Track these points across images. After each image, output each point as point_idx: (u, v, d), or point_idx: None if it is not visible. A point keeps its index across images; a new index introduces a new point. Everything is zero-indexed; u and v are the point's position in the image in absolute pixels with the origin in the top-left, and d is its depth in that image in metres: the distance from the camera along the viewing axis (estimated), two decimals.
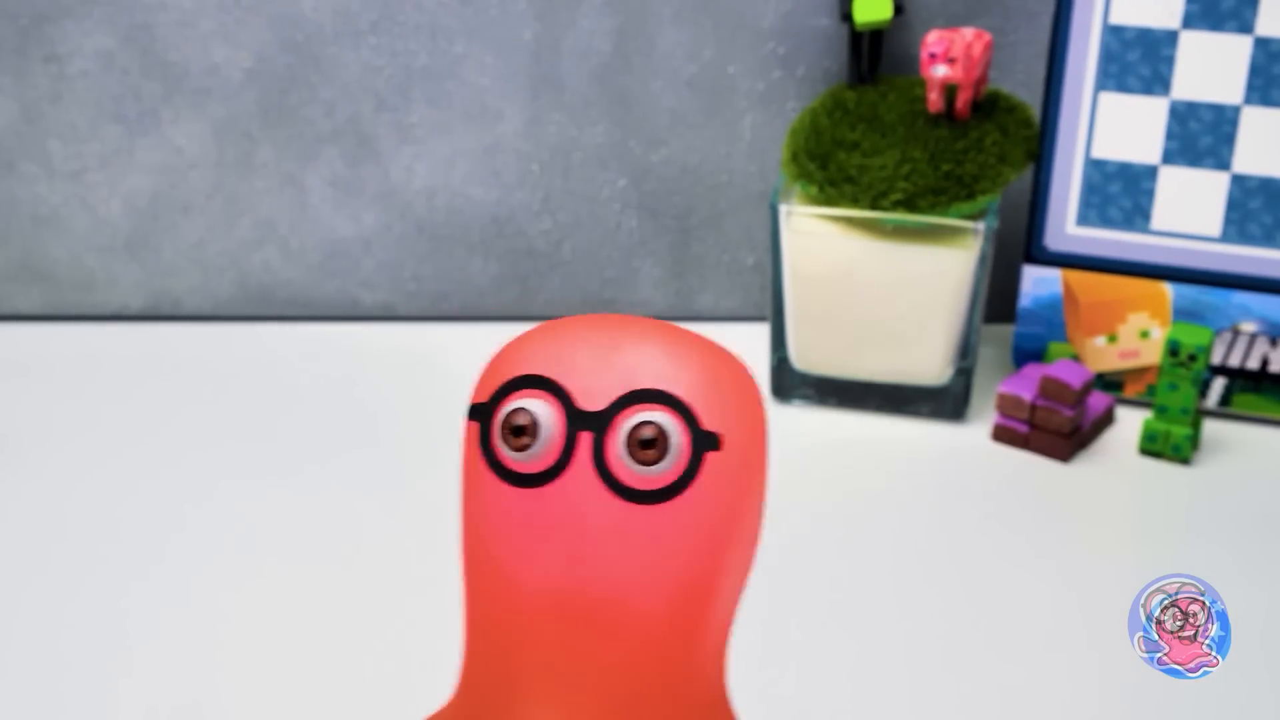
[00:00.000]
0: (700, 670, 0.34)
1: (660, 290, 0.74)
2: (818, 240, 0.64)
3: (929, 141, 0.63)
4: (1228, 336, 0.65)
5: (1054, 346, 0.67)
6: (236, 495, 0.60)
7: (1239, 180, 0.63)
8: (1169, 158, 0.63)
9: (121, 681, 0.49)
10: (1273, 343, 0.64)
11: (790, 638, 0.52)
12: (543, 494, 0.32)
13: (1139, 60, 0.62)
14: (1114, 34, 0.62)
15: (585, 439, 0.32)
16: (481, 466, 0.33)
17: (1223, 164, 0.63)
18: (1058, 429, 0.62)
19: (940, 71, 0.62)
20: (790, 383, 0.67)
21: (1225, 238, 0.63)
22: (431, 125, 0.70)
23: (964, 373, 0.65)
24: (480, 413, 0.33)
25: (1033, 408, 0.63)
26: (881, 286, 0.64)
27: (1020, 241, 0.69)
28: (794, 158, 0.65)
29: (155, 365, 0.69)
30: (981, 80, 0.65)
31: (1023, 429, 0.63)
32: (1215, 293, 0.64)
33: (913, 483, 0.62)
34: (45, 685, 0.49)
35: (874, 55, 0.67)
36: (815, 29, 0.69)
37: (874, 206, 0.63)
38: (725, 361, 0.34)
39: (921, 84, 0.66)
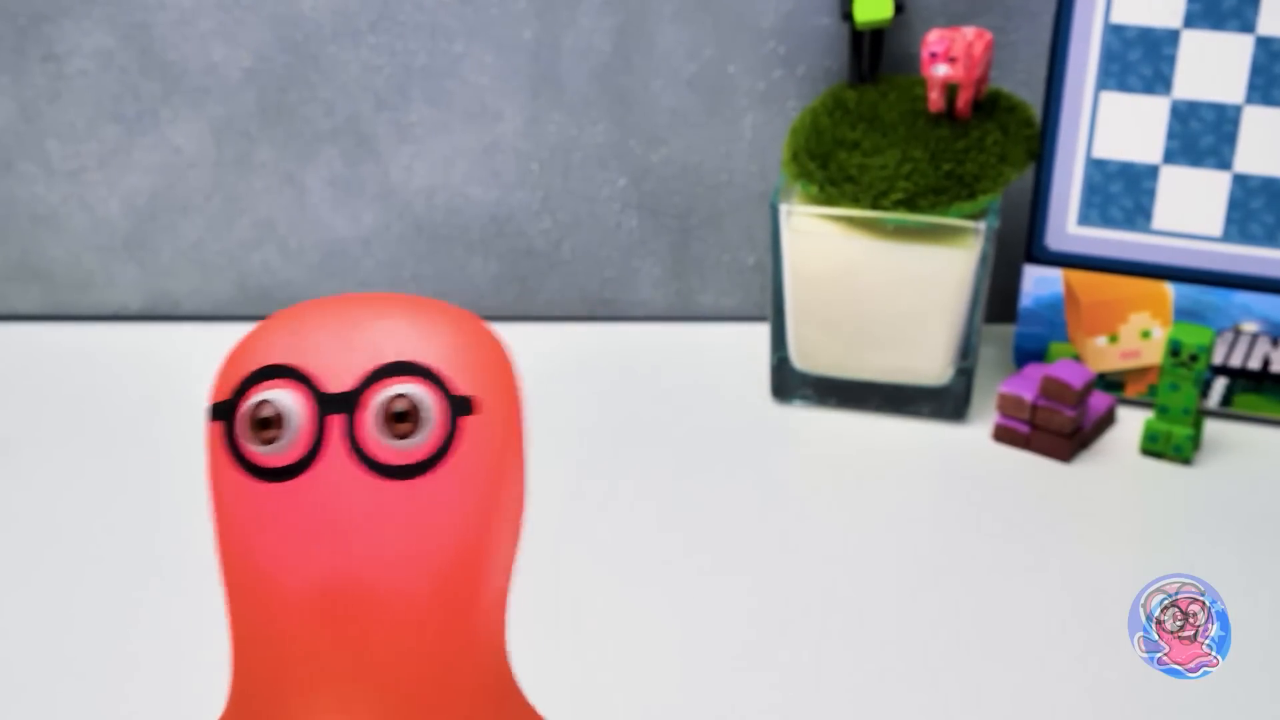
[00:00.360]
0: (478, 647, 0.33)
1: (660, 290, 0.73)
2: (818, 240, 0.64)
3: (930, 141, 0.63)
4: (1229, 336, 0.64)
5: (1055, 346, 0.67)
6: None
7: (1240, 180, 0.62)
8: (1170, 157, 0.63)
9: (120, 683, 0.49)
10: (1274, 343, 0.64)
11: (790, 638, 0.52)
12: (297, 485, 0.31)
13: (1140, 59, 0.62)
14: (1115, 33, 0.62)
15: (336, 422, 0.31)
16: (229, 466, 0.32)
17: (1224, 164, 0.62)
18: (1059, 429, 0.62)
19: (941, 71, 0.62)
20: (791, 383, 0.67)
21: (1227, 237, 0.63)
22: (431, 124, 0.70)
23: (965, 373, 0.65)
24: (222, 411, 0.32)
25: (1034, 408, 0.63)
26: (882, 286, 0.64)
27: (1021, 241, 0.69)
28: (794, 157, 0.64)
29: (154, 365, 0.69)
30: (982, 79, 0.64)
31: (1024, 429, 0.63)
32: (1217, 293, 0.64)
33: (913, 483, 0.62)
34: (42, 686, 0.49)
35: (875, 54, 0.67)
36: (816, 28, 0.68)
37: (875, 206, 0.62)
38: (471, 326, 0.33)
39: (922, 83, 0.66)
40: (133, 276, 0.72)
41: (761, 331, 0.71)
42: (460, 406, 0.31)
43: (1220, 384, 0.65)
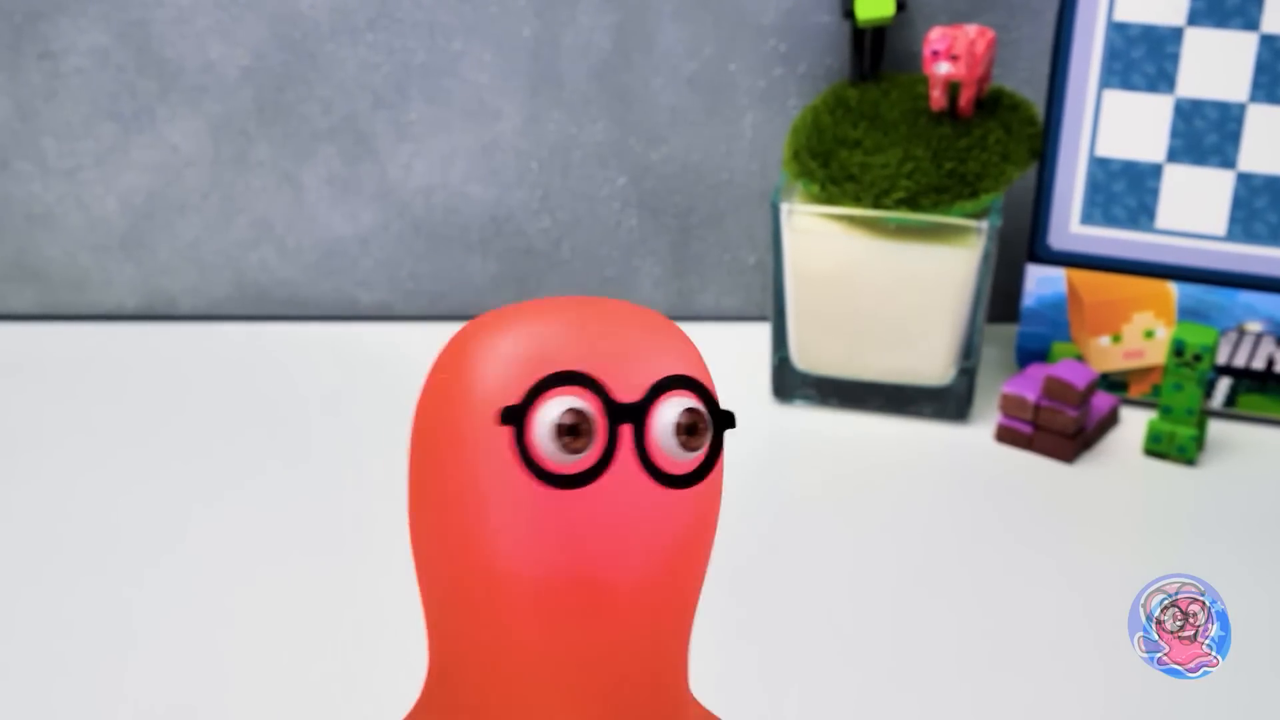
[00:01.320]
0: (687, 644, 0.35)
1: (660, 289, 0.73)
2: (819, 239, 0.63)
3: (932, 139, 0.63)
4: (1233, 336, 0.64)
5: (1058, 346, 0.67)
6: (233, 497, 0.59)
7: (1244, 179, 0.62)
8: (1174, 156, 0.63)
9: (118, 685, 0.49)
10: (1279, 342, 0.64)
11: (792, 639, 0.52)
12: (584, 492, 0.31)
13: (1143, 57, 0.62)
14: (1118, 31, 0.62)
15: (626, 431, 0.32)
16: (512, 472, 0.31)
17: (1228, 162, 0.62)
18: (1062, 430, 0.62)
19: (943, 69, 0.62)
20: (792, 383, 0.67)
21: (1231, 236, 0.63)
22: (430, 123, 0.70)
23: (967, 373, 0.65)
24: (514, 415, 0.31)
25: (1036, 408, 0.62)
26: (884, 286, 0.64)
27: (1024, 240, 0.69)
28: (795, 156, 0.64)
29: (151, 366, 0.69)
30: (985, 78, 0.64)
31: (1026, 430, 0.63)
32: (1220, 292, 0.64)
33: (915, 484, 0.61)
34: (41, 689, 0.49)
35: (876, 52, 0.67)
36: (817, 26, 0.68)
37: (876, 205, 0.62)
38: (685, 334, 0.34)
39: (924, 81, 0.66)
40: (129, 276, 0.72)
41: (762, 331, 0.70)
42: (724, 420, 0.32)
43: (1224, 384, 0.65)
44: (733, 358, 0.70)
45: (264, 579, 0.54)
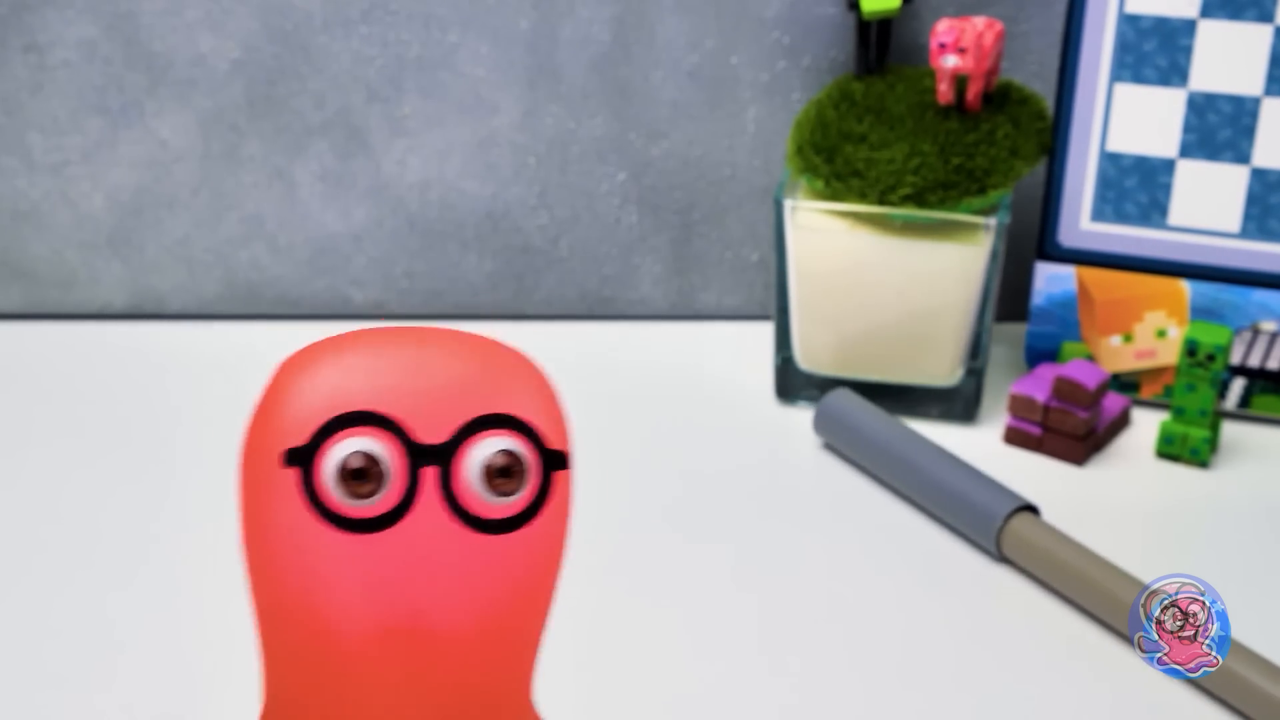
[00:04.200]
0: (527, 686, 0.34)
1: (661, 288, 0.73)
2: (824, 236, 0.63)
3: (939, 134, 0.62)
4: (1247, 336, 0.64)
5: (1068, 346, 0.66)
6: (222, 499, 0.59)
7: (1259, 174, 0.62)
8: (1187, 151, 0.62)
9: (104, 689, 0.48)
10: None
11: (795, 642, 0.51)
12: (383, 537, 0.30)
13: (1156, 50, 0.61)
14: (1130, 23, 0.61)
15: (429, 474, 0.30)
16: (305, 514, 0.30)
17: (1242, 157, 0.62)
18: (1072, 431, 0.62)
19: (950, 62, 0.61)
20: (795, 383, 0.66)
21: (1245, 234, 0.62)
22: (425, 117, 0.69)
23: (975, 373, 0.64)
24: (300, 457, 0.30)
25: (1046, 409, 0.62)
26: (889, 284, 0.63)
27: (1033, 237, 0.68)
28: (799, 151, 0.64)
29: (139, 365, 0.68)
30: (993, 71, 0.64)
31: (1036, 431, 0.62)
32: (1234, 290, 0.63)
33: None
34: (25, 692, 0.48)
35: (882, 45, 0.66)
36: (821, 18, 0.68)
37: (882, 201, 0.62)
38: (534, 369, 0.32)
39: (931, 75, 0.65)
40: (117, 274, 0.71)
41: (765, 330, 0.70)
42: (554, 461, 0.32)
43: (1238, 385, 0.65)
44: (734, 358, 0.70)
45: None
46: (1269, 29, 0.60)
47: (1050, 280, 0.65)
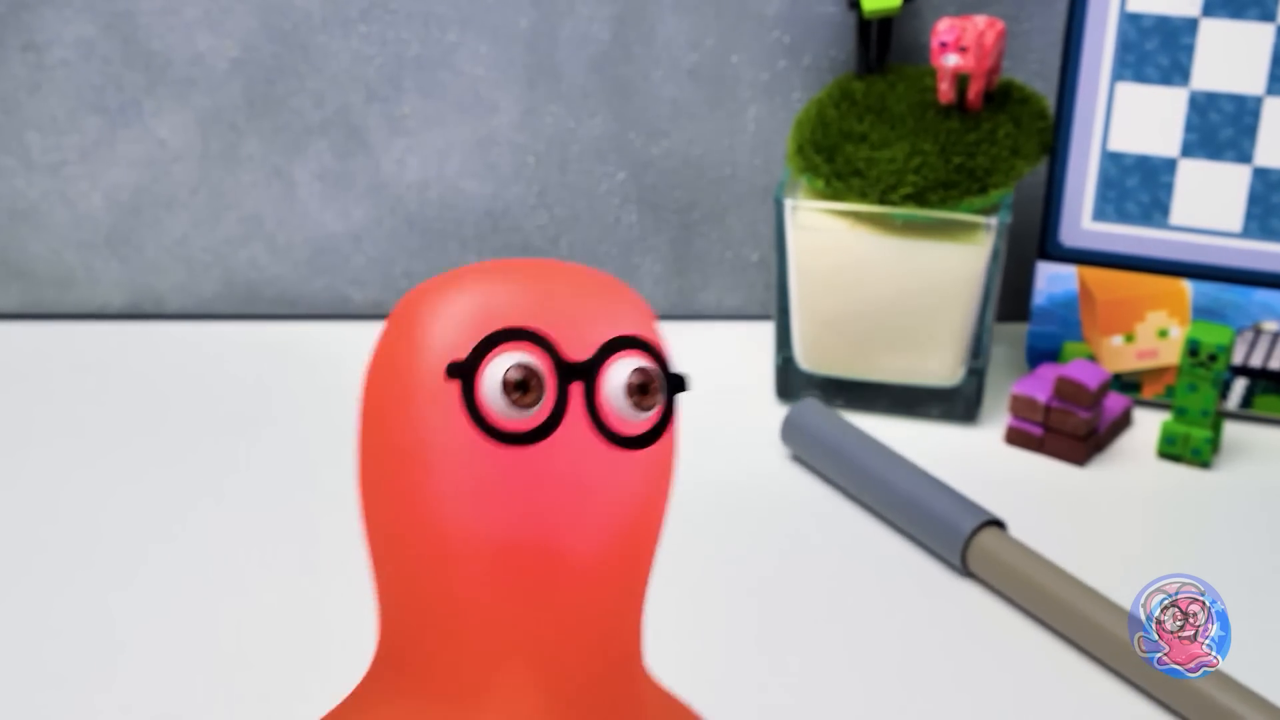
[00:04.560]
0: (641, 615, 0.35)
1: (661, 287, 0.73)
2: (824, 236, 0.62)
3: (940, 134, 0.62)
4: (1249, 336, 0.63)
5: (1069, 346, 0.66)
6: (221, 499, 0.59)
7: (1261, 174, 0.61)
8: (1188, 150, 0.62)
9: (104, 689, 0.48)
10: None
11: (795, 644, 0.51)
12: (535, 451, 0.31)
13: (1157, 49, 0.61)
14: (1131, 22, 0.61)
15: (576, 389, 0.32)
16: (461, 428, 0.31)
17: (1244, 157, 0.61)
18: (1073, 431, 0.61)
19: (951, 61, 0.61)
20: (796, 383, 0.66)
21: (1246, 233, 0.62)
22: (424, 116, 0.69)
23: (976, 373, 0.64)
24: (461, 370, 0.31)
25: (1047, 409, 0.62)
26: (890, 284, 0.63)
27: (1034, 237, 0.68)
28: (800, 150, 0.63)
29: (138, 365, 0.68)
30: (994, 70, 0.63)
31: (1037, 431, 0.62)
32: (1236, 290, 0.63)
33: None
34: (25, 692, 0.48)
35: (883, 44, 0.66)
36: (822, 16, 0.67)
37: (883, 201, 0.62)
38: (643, 301, 0.34)
39: (932, 74, 0.65)
40: (115, 274, 0.71)
41: (766, 331, 0.70)
42: (677, 383, 0.33)
43: (1240, 385, 0.64)
44: (735, 358, 0.69)
45: (254, 581, 0.53)
46: (1271, 28, 0.60)
47: (1051, 280, 0.65)
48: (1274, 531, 0.58)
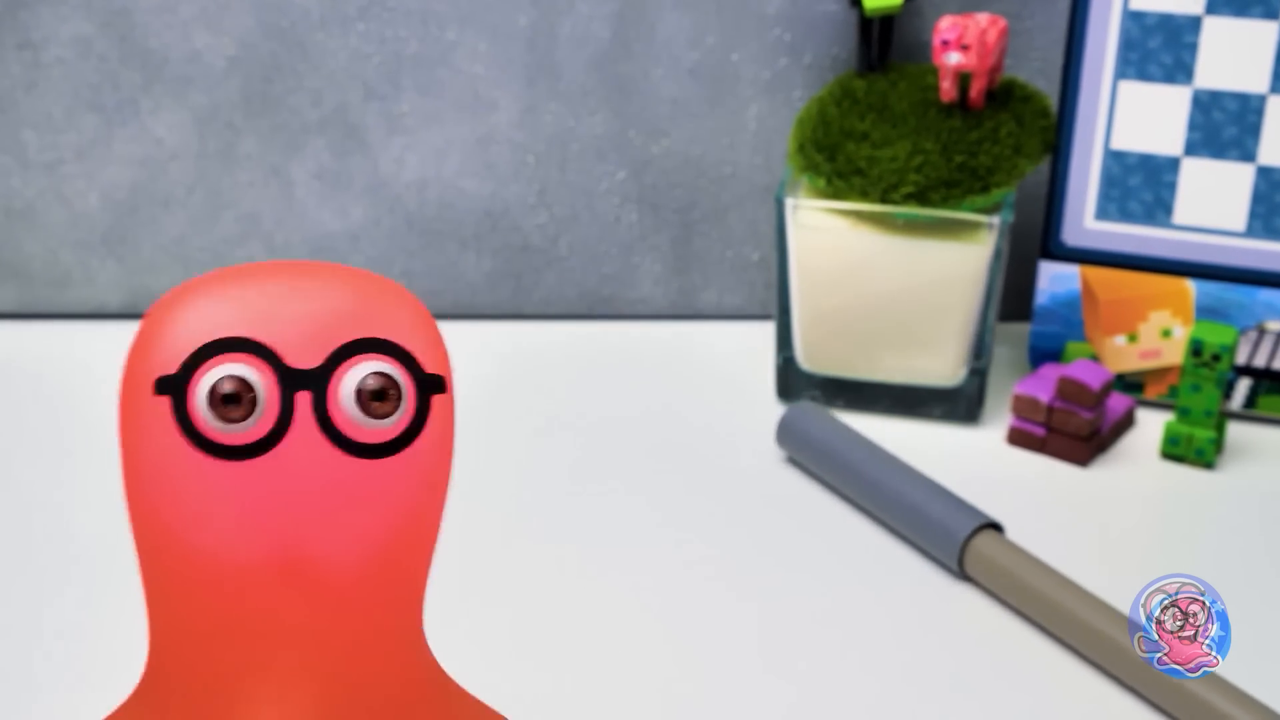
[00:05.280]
0: (417, 629, 0.34)
1: (661, 287, 0.72)
2: (825, 235, 0.62)
3: (942, 132, 0.62)
4: (1253, 335, 0.63)
5: (1072, 346, 0.66)
6: None
7: (1265, 172, 0.61)
8: (1192, 149, 0.62)
9: (103, 689, 0.47)
10: None
11: (797, 647, 0.51)
12: (258, 463, 0.31)
13: (1160, 47, 0.61)
14: (1134, 20, 0.61)
15: (303, 399, 0.31)
16: (178, 442, 0.31)
17: (1248, 155, 0.61)
18: (1076, 432, 0.61)
19: (953, 59, 0.61)
20: (796, 384, 0.66)
21: (1250, 232, 0.62)
22: (422, 115, 0.68)
23: (978, 373, 0.64)
24: (171, 385, 0.30)
25: (1050, 410, 0.61)
26: (892, 283, 0.62)
27: (1037, 236, 0.68)
28: (801, 149, 0.63)
29: None
30: (996, 68, 0.63)
31: (1039, 432, 0.62)
32: (1240, 290, 0.62)
33: None
34: (25, 692, 0.48)
35: (884, 42, 0.66)
36: (823, 14, 0.67)
37: (884, 200, 0.61)
38: (411, 299, 0.33)
39: (934, 72, 0.65)
40: (112, 273, 0.71)
41: (766, 330, 0.69)
42: (431, 385, 0.32)
43: (1244, 385, 0.64)
44: (735, 358, 0.69)
45: None
46: (1275, 26, 0.60)
47: (1054, 279, 0.65)
48: (1277, 532, 0.57)
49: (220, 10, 0.66)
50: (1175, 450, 0.62)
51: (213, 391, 0.30)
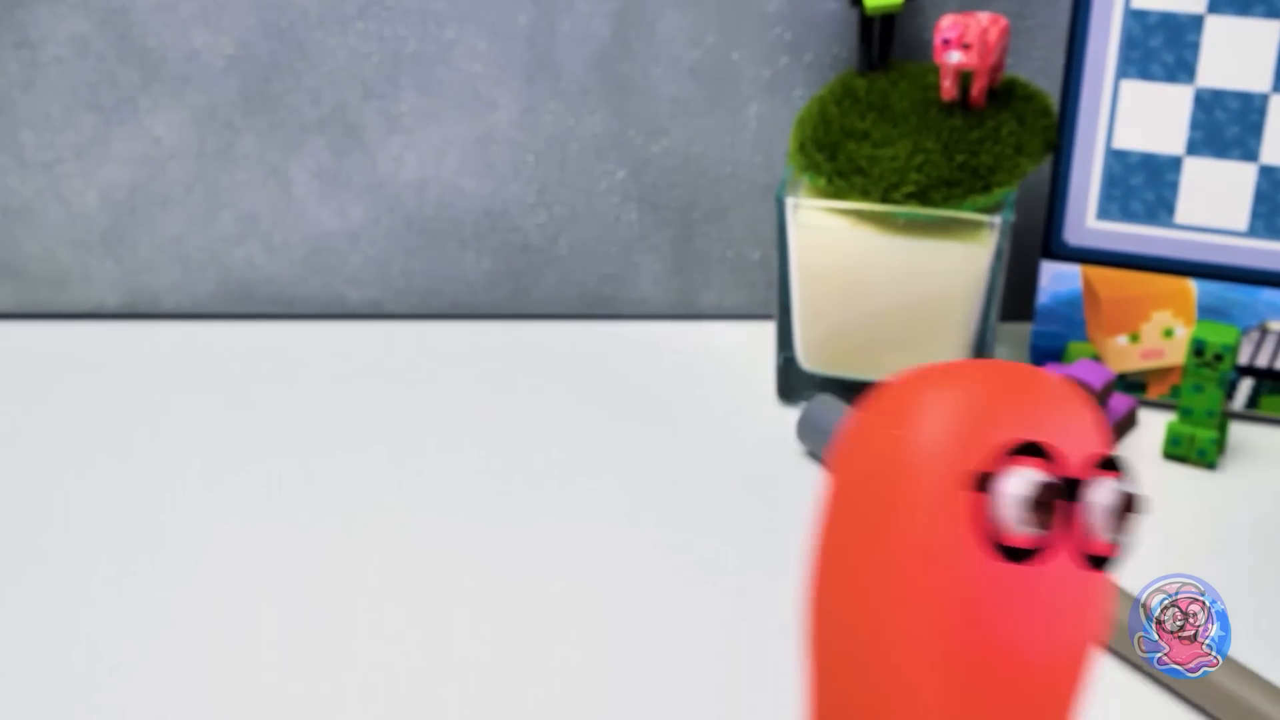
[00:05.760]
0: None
1: (661, 287, 0.72)
2: (826, 235, 0.62)
3: (943, 131, 0.62)
4: (1255, 335, 0.63)
5: (1074, 346, 0.66)
6: (217, 500, 0.58)
7: (1267, 172, 0.61)
8: (1194, 148, 0.62)
9: (104, 689, 0.48)
10: None
11: (796, 647, 0.50)
12: (1030, 568, 0.31)
13: (1162, 46, 0.61)
14: (1136, 19, 0.61)
15: (1068, 508, 0.31)
16: (968, 539, 0.31)
17: (1250, 155, 0.61)
18: None
19: (954, 58, 0.61)
20: (797, 384, 0.65)
21: (1252, 232, 0.62)
22: (422, 114, 0.68)
23: None
24: (984, 482, 0.31)
25: None
26: (893, 283, 0.62)
27: (1038, 236, 0.68)
28: (801, 148, 0.63)
29: (132, 365, 0.68)
30: (998, 67, 0.63)
31: None
32: (1242, 289, 0.62)
33: None
34: (25, 692, 0.48)
35: (885, 41, 0.66)
36: (823, 13, 0.67)
37: (885, 199, 0.61)
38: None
39: (935, 71, 0.65)
40: (110, 273, 0.71)
41: (767, 330, 0.69)
42: (1137, 505, 0.32)
43: (1246, 385, 0.64)
44: (736, 358, 0.69)
45: (250, 582, 0.53)
46: (1277, 25, 0.59)
47: (1055, 279, 0.65)
48: (1279, 533, 0.57)
49: (219, 9, 0.66)
50: (1177, 450, 0.61)
51: (1029, 493, 0.30)
